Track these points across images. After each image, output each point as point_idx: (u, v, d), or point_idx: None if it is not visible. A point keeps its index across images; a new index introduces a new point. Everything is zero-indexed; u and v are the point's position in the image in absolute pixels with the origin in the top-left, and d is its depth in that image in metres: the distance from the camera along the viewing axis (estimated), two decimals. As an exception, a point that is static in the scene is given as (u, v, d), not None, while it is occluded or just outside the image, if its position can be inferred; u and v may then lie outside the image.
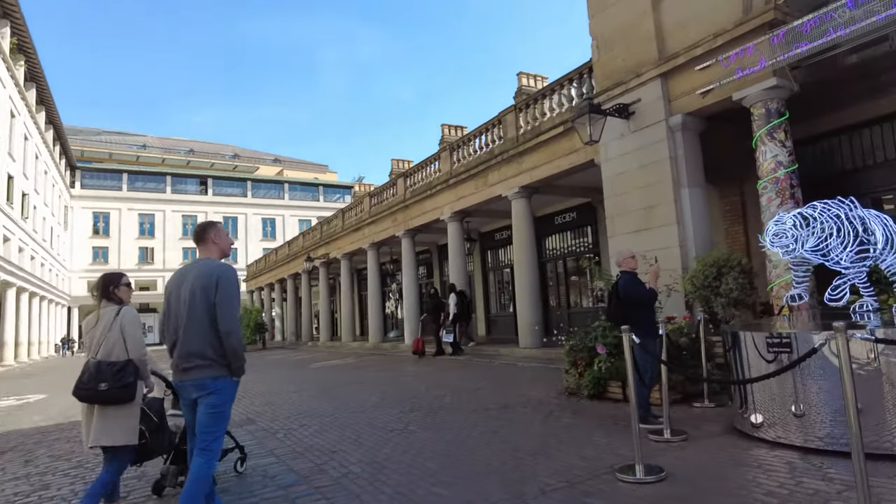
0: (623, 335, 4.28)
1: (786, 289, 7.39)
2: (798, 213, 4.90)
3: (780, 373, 3.16)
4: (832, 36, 6.95)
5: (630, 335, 4.28)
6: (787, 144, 7.67)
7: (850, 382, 2.66)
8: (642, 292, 5.50)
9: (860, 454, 2.64)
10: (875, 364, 4.05)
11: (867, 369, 4.07)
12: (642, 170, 9.18)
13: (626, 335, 4.27)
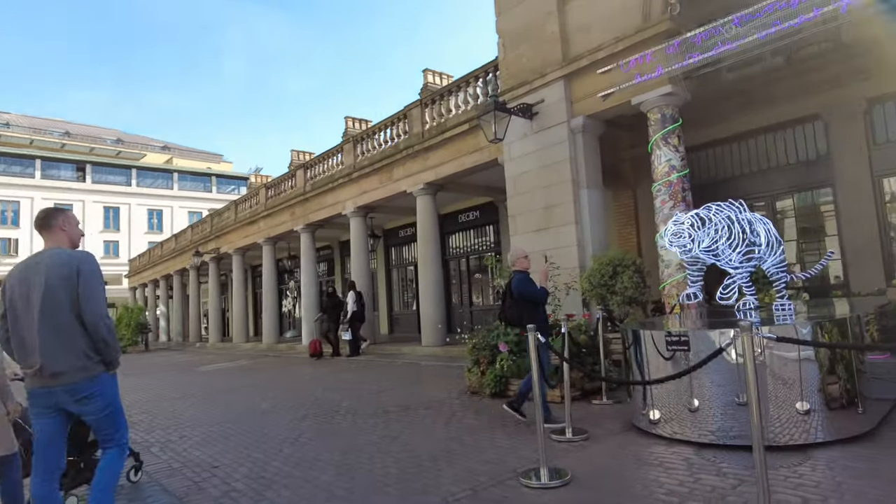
0: (528, 334, 4.15)
1: (677, 287, 7.74)
2: (695, 214, 5.05)
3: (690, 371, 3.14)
4: (720, 49, 7.32)
5: (535, 334, 4.16)
6: (680, 150, 8.03)
7: (753, 380, 2.65)
8: (535, 291, 5.49)
9: (761, 450, 2.63)
10: (761, 359, 4.21)
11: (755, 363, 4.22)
12: (544, 170, 9.28)
13: (532, 334, 4.14)
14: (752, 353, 2.67)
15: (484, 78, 11.12)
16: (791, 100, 9.59)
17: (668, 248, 5.15)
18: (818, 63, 9.10)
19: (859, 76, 8.91)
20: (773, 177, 10.10)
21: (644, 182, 11.77)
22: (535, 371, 4.17)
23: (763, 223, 5.32)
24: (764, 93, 9.92)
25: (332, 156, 16.39)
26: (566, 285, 8.28)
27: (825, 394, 4.16)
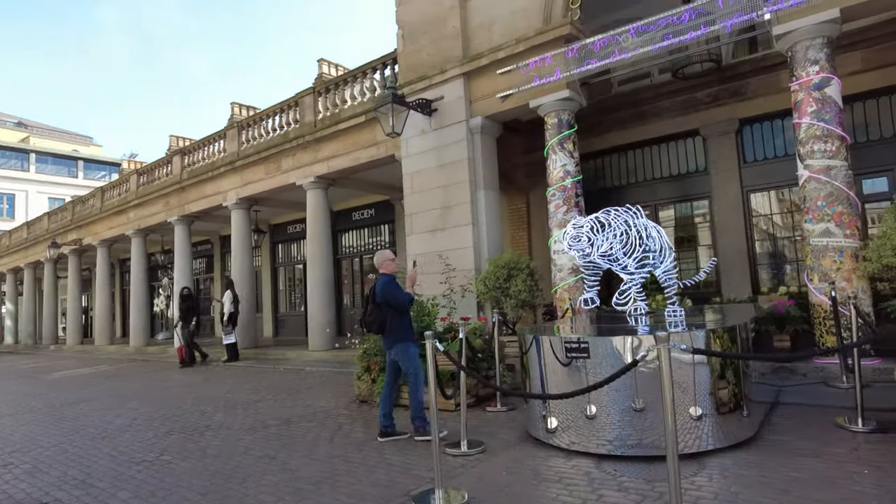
0: (426, 342, 3.78)
1: (569, 292, 7.78)
2: (595, 218, 4.97)
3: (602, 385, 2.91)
4: (616, 57, 7.45)
5: (433, 341, 3.81)
6: (575, 156, 8.10)
7: (669, 392, 2.47)
8: (400, 297, 5.08)
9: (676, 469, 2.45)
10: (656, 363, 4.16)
11: (650, 367, 4.17)
12: (442, 169, 9.02)
13: (430, 342, 3.79)
14: (669, 365, 2.50)
15: (382, 70, 10.67)
16: (676, 114, 10.11)
17: (568, 252, 5.04)
18: (700, 81, 9.64)
19: (734, 97, 9.55)
20: (657, 187, 10.59)
21: (536, 187, 11.94)
22: (433, 379, 3.82)
23: (657, 230, 5.39)
24: (652, 106, 10.37)
25: (213, 142, 15.08)
26: (462, 287, 8.06)
27: (716, 398, 4.20)
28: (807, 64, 6.28)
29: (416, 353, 5.18)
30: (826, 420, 4.76)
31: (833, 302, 5.62)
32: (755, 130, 9.67)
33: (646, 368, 4.18)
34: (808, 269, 6.34)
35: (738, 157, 9.72)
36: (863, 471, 3.64)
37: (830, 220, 6.06)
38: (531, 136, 11.51)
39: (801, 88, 6.32)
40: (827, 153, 6.14)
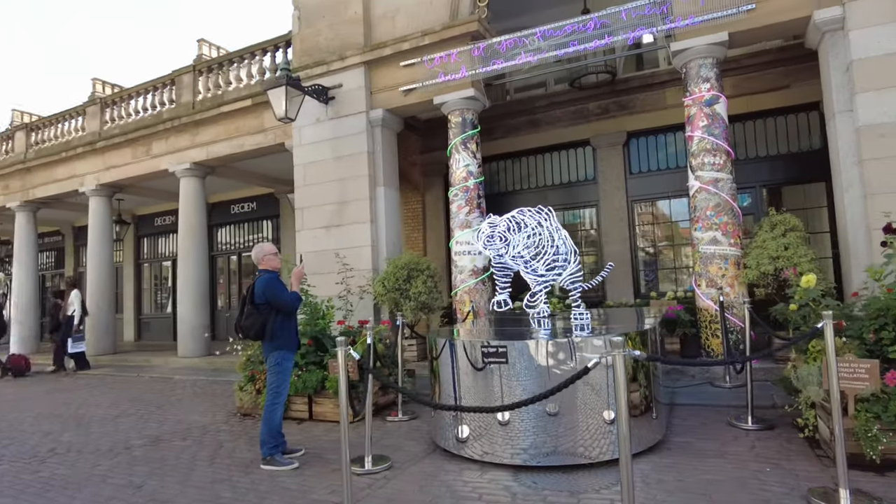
0: (338, 349, 3.33)
1: (470, 294, 7.60)
2: (511, 218, 4.78)
3: (559, 389, 2.65)
4: (523, 59, 7.42)
5: (346, 348, 3.36)
6: (478, 156, 7.96)
7: (624, 402, 2.26)
8: (284, 296, 4.44)
9: (629, 477, 2.25)
10: (572, 364, 4.03)
11: (563, 369, 4.03)
12: (338, 161, 8.48)
13: (342, 349, 3.34)
14: (623, 374, 2.29)
15: (273, 53, 9.86)
16: (568, 124, 10.39)
17: (483, 252, 4.80)
18: (593, 93, 9.99)
19: (623, 110, 10.01)
20: (548, 194, 10.81)
21: (433, 187, 11.77)
22: (344, 389, 3.36)
23: (561, 232, 5.32)
24: (545, 115, 10.59)
25: (69, 118, 13.15)
26: (360, 288, 7.58)
27: (629, 401, 4.15)
28: (699, 81, 6.62)
29: (289, 368, 4.58)
30: (719, 419, 4.95)
31: (720, 307, 5.92)
32: (641, 144, 10.20)
33: (559, 370, 4.05)
34: (696, 275, 6.68)
35: (624, 168, 10.19)
36: (765, 469, 3.75)
37: (718, 228, 6.43)
38: (429, 135, 11.31)
39: (694, 104, 6.65)
40: (715, 166, 6.50)
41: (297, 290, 4.64)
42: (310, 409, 5.79)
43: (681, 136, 9.88)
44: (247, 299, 4.52)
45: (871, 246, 5.76)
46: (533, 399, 2.66)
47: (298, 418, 5.75)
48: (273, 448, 4.32)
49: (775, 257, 6.17)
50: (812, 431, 4.18)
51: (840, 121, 6.06)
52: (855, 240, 5.95)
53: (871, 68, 5.77)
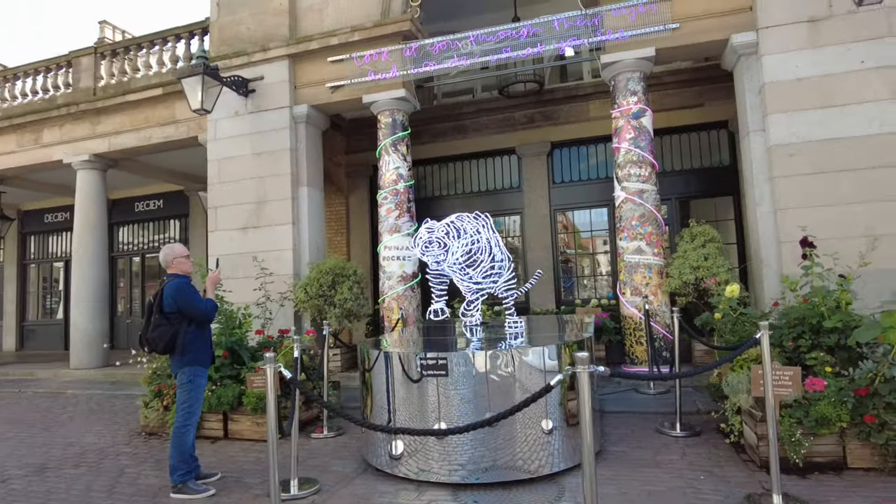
0: (267, 367, 3.00)
1: (398, 301, 7.35)
2: (450, 223, 4.61)
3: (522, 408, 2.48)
4: (455, 63, 7.31)
5: (273, 366, 3.04)
6: (408, 159, 7.75)
7: (589, 419, 2.13)
8: (199, 304, 3.98)
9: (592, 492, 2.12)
10: (510, 370, 3.92)
11: (501, 375, 3.91)
12: (258, 158, 7.97)
13: (271, 366, 3.01)
14: (587, 391, 2.17)
15: (188, 40, 9.15)
16: (494, 132, 10.42)
17: (422, 257, 4.59)
18: (519, 102, 10.07)
19: (548, 121, 10.17)
20: (474, 200, 10.77)
21: (358, 189, 11.42)
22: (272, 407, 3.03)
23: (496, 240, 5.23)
24: (472, 121, 10.57)
25: (-62, 99, 11.54)
26: (281, 295, 7.13)
27: (565, 410, 4.09)
28: (627, 94, 6.79)
29: (203, 385, 4.13)
30: (648, 427, 5.02)
31: (646, 315, 6.07)
32: (564, 154, 10.40)
33: (496, 377, 3.93)
34: (620, 284, 6.82)
35: (548, 177, 10.34)
36: (699, 476, 3.80)
37: (643, 238, 6.60)
38: (354, 135, 10.97)
39: (622, 116, 6.81)
40: (641, 177, 6.68)
41: (213, 297, 4.21)
42: (225, 427, 5.31)
43: (602, 148, 10.20)
44: (154, 307, 4.02)
45: (780, 257, 6.11)
46: (498, 417, 2.49)
47: (212, 437, 5.26)
48: (185, 474, 3.87)
49: (696, 267, 6.41)
50: (737, 437, 4.32)
51: (753, 139, 6.41)
52: (766, 251, 6.30)
53: (782, 91, 6.14)
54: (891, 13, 5.95)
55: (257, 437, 5.18)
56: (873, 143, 5.90)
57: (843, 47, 6.03)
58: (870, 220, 5.81)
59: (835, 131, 5.99)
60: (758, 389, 3.89)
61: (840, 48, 6.04)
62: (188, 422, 3.97)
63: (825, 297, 4.31)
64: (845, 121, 5.97)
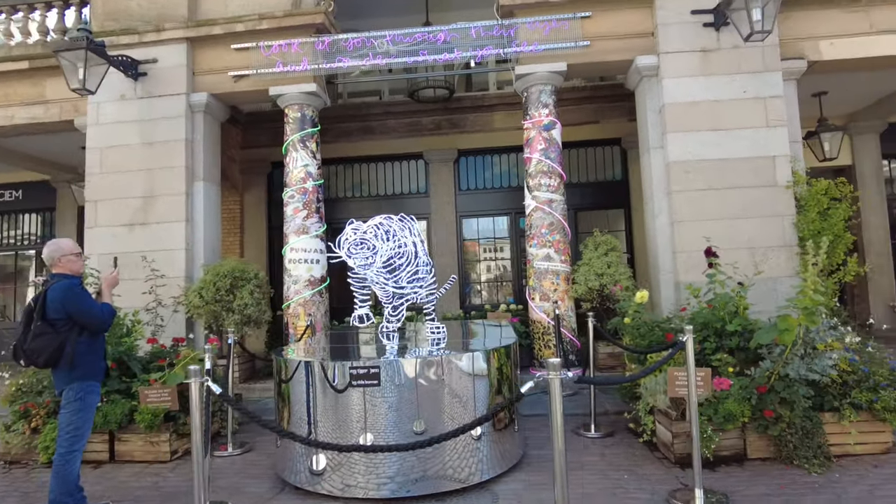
0: (192, 380, 2.64)
1: (305, 307, 6.97)
2: (379, 225, 4.41)
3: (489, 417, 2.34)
4: (371, 61, 7.12)
5: (199, 379, 2.69)
6: (318, 157, 7.40)
7: (560, 426, 2.08)
8: (95, 310, 3.46)
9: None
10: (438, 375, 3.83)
11: (431, 379, 3.81)
12: (148, 148, 7.21)
13: (196, 380, 2.66)
14: (559, 397, 2.11)
15: (63, 10, 8.07)
16: (402, 135, 10.30)
17: (348, 259, 4.33)
18: (427, 108, 10.04)
19: (455, 128, 10.24)
20: (383, 203, 10.56)
21: (254, 187, 10.75)
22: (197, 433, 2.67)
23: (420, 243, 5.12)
24: (380, 123, 10.38)
25: None
26: (174, 299, 6.46)
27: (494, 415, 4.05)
28: (539, 106, 6.99)
29: (94, 404, 3.59)
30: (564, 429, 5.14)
31: (557, 320, 6.24)
32: (470, 162, 10.54)
33: (425, 381, 3.81)
34: (529, 289, 6.98)
35: (454, 184, 10.42)
36: (623, 476, 3.94)
37: (551, 246, 6.80)
38: (252, 129, 10.33)
39: (534, 127, 7.00)
40: (550, 188, 6.89)
41: (110, 302, 3.68)
42: (111, 449, 4.69)
43: (506, 158, 10.47)
44: (34, 313, 3.42)
45: (676, 265, 6.58)
46: (456, 432, 2.35)
47: (95, 461, 4.61)
48: None
49: (600, 274, 6.73)
50: (650, 436, 4.54)
51: (654, 155, 6.87)
52: (663, 259, 6.76)
53: (679, 113, 6.65)
54: (765, 51, 6.67)
55: (151, 459, 4.62)
56: (753, 165, 6.56)
57: (729, 77, 6.66)
58: (752, 234, 6.44)
59: (724, 152, 6.57)
60: (673, 390, 4.11)
61: (727, 77, 6.66)
62: (75, 447, 3.41)
63: (727, 303, 4.68)
64: (732, 143, 6.58)
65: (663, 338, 4.94)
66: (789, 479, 3.78)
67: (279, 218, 10.53)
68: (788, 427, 4.00)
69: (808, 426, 3.99)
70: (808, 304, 3.96)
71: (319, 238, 7.19)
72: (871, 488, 3.57)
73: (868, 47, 7.03)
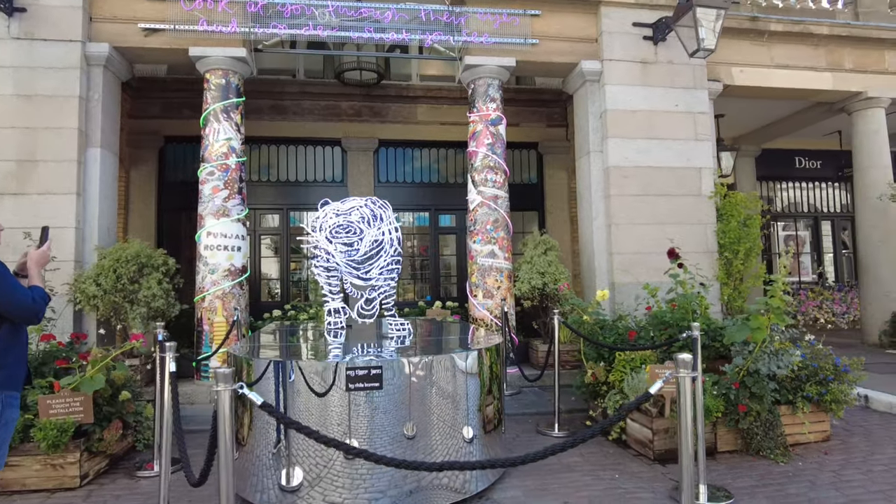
0: (220, 387, 2.06)
1: (223, 300, 6.13)
2: (366, 206, 3.92)
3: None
4: (310, 31, 6.52)
5: (232, 386, 2.12)
6: (242, 131, 6.60)
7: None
8: (22, 295, 2.61)
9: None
10: (421, 373, 3.50)
11: (418, 376, 3.46)
12: (27, 102, 5.93)
13: (227, 387, 2.09)
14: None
15: None
16: (318, 118, 9.63)
17: (328, 245, 3.79)
18: (348, 91, 9.47)
19: (376, 117, 9.78)
20: (292, 190, 9.79)
21: (143, 163, 9.39)
22: (227, 449, 2.09)
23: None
24: (294, 103, 9.62)
25: None
26: (70, 287, 5.33)
27: (483, 415, 3.79)
28: (487, 100, 6.84)
29: (16, 419, 2.73)
30: (527, 429, 5.01)
31: (505, 316, 6.12)
32: (390, 154, 10.12)
33: (416, 378, 3.46)
34: (471, 286, 6.79)
35: (374, 175, 9.94)
36: (615, 475, 3.87)
37: (496, 243, 6.67)
38: (141, 97, 9.02)
39: (481, 120, 6.83)
40: (497, 184, 6.77)
41: (41, 284, 2.84)
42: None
43: (426, 153, 10.22)
44: None
45: (612, 266, 6.78)
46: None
47: (49, 489, 3.59)
48: None
49: (542, 273, 6.73)
50: (618, 433, 4.55)
51: (593, 159, 7.03)
52: (599, 260, 6.93)
53: (620, 119, 6.87)
54: (695, 69, 7.14)
55: (54, 486, 3.69)
56: (681, 174, 6.97)
57: (664, 90, 7.02)
58: (679, 239, 6.81)
59: (657, 160, 6.91)
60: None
61: (662, 90, 7.01)
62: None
63: (690, 303, 4.84)
64: (664, 153, 6.94)
65: (626, 335, 5.01)
66: (763, 469, 3.95)
67: (172, 200, 9.39)
68: (755, 420, 4.21)
69: (770, 419, 4.23)
70: (778, 304, 4.20)
71: (241, 222, 6.39)
72: (834, 474, 3.84)
73: (768, 78, 7.83)
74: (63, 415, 3.73)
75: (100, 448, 3.91)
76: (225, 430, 2.04)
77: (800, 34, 7.83)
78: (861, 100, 8.21)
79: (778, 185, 11.87)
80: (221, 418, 2.04)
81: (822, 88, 8.03)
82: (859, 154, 8.45)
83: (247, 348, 4.17)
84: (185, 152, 9.52)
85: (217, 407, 2.06)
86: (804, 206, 12.15)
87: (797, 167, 11.87)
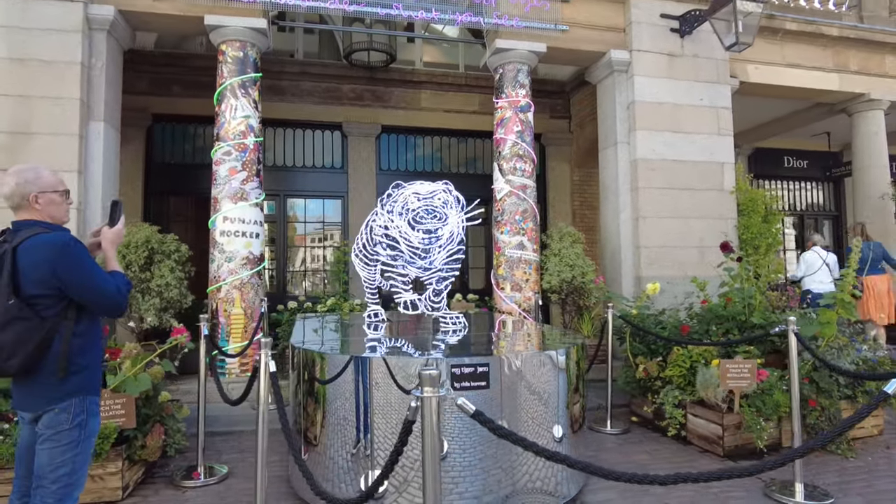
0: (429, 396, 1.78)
1: (241, 290, 5.70)
2: (446, 189, 3.63)
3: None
4: (335, 5, 6.14)
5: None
6: (259, 109, 6.15)
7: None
8: (104, 280, 2.23)
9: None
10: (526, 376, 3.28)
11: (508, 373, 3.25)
12: (21, 66, 5.33)
13: (434, 398, 1.80)
14: None
15: None
16: (317, 101, 9.17)
17: (409, 230, 3.48)
18: (349, 73, 9.06)
19: (378, 101, 9.40)
20: (288, 176, 9.29)
21: (126, 143, 8.43)
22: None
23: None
24: (292, 84, 9.13)
25: None
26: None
27: (571, 414, 3.59)
28: (516, 86, 6.61)
29: (96, 431, 2.30)
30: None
31: (537, 308, 5.93)
32: (392, 140, 9.76)
33: (511, 376, 3.23)
34: (499, 278, 6.56)
35: (376, 162, 9.56)
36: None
37: (524, 234, 6.47)
38: (129, 70, 8.15)
39: (510, 107, 6.60)
40: (525, 173, 6.57)
41: (119, 269, 2.45)
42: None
43: (430, 141, 9.89)
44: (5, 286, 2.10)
45: (638, 260, 6.69)
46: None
47: None
48: None
49: (572, 265, 6.58)
50: (677, 429, 4.44)
51: (620, 150, 6.91)
52: (625, 254, 6.83)
53: (648, 111, 6.78)
54: (718, 64, 7.12)
55: (93, 500, 3.29)
56: (704, 169, 6.94)
57: (689, 84, 6.97)
58: (702, 233, 6.81)
59: (681, 154, 6.85)
60: (726, 383, 4.06)
61: (687, 84, 6.96)
62: (67, 496, 2.18)
63: (745, 297, 4.78)
64: (688, 146, 6.89)
65: (677, 330, 4.91)
66: (836, 465, 3.92)
67: (160, 183, 8.74)
68: (820, 415, 4.18)
69: (836, 414, 4.21)
70: (847, 299, 4.17)
71: (259, 207, 5.96)
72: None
73: (780, 76, 7.92)
74: (103, 419, 3.30)
75: (142, 456, 3.50)
76: (433, 444, 1.75)
77: (811, 34, 7.93)
78: (863, 101, 8.41)
79: (767, 184, 12.12)
80: (428, 430, 1.75)
81: (829, 89, 8.18)
82: (860, 154, 8.67)
83: (301, 341, 3.84)
84: (174, 132, 8.91)
85: (423, 416, 1.77)
86: (795, 204, 12.45)
87: (786, 166, 12.17)
